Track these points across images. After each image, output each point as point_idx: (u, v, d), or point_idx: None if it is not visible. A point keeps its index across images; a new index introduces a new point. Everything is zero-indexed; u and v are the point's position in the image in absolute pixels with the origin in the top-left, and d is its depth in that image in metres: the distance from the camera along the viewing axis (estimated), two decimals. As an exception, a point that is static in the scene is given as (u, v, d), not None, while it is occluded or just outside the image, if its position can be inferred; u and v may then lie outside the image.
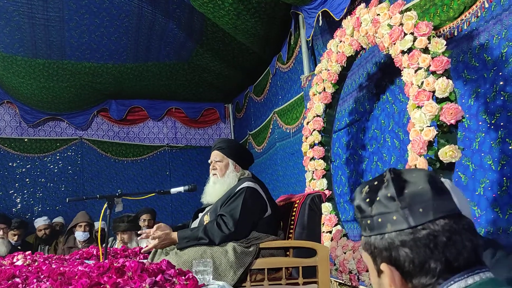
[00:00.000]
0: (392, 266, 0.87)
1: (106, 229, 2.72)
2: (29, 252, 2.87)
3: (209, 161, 2.89)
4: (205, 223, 2.67)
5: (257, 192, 2.68)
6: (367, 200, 0.91)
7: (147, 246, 2.73)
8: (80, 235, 4.92)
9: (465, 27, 2.56)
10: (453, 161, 2.31)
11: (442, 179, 1.73)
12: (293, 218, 2.73)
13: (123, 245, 4.49)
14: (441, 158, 2.31)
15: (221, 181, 2.80)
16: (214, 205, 2.75)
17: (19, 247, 5.20)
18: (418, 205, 0.85)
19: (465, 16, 2.54)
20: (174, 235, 2.55)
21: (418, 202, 0.86)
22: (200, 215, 2.86)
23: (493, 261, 1.67)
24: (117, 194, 2.69)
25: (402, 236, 0.85)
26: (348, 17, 3.24)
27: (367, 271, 2.98)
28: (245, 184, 2.67)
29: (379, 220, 0.88)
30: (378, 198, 0.89)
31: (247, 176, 2.81)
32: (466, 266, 0.84)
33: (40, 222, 5.85)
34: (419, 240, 0.84)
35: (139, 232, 2.73)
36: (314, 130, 3.67)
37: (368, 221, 0.91)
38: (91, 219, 5.15)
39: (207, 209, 2.84)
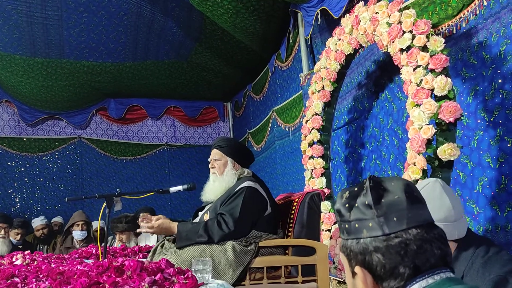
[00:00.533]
0: (365, 269, 0.93)
1: (105, 228, 2.72)
2: (28, 251, 2.87)
3: (209, 160, 2.90)
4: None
5: (257, 191, 2.68)
6: (347, 205, 0.97)
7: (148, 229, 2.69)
8: (78, 234, 4.91)
9: (464, 25, 2.56)
10: (452, 159, 2.31)
11: (433, 180, 1.73)
12: (292, 216, 2.73)
13: (122, 244, 4.49)
14: (439, 156, 2.31)
15: (219, 179, 2.80)
16: (214, 204, 2.75)
17: (20, 246, 5.20)
18: (393, 214, 0.91)
19: (464, 14, 2.54)
20: (174, 225, 2.56)
21: (394, 211, 0.91)
22: (200, 213, 2.86)
23: (485, 258, 1.68)
24: (116, 193, 2.69)
25: (376, 242, 0.91)
26: (347, 15, 3.24)
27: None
28: (245, 184, 2.67)
29: (356, 225, 0.94)
30: (356, 205, 0.95)
31: (247, 175, 2.81)
32: (432, 268, 0.90)
33: (37, 222, 5.84)
34: (391, 247, 0.90)
35: (139, 221, 2.70)
36: (313, 128, 3.67)
37: (346, 225, 0.96)
38: (88, 218, 5.14)
39: (207, 207, 2.84)
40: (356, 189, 0.97)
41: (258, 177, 2.88)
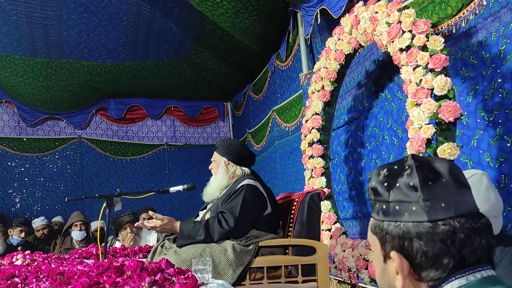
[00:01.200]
0: (402, 255, 0.86)
1: (105, 228, 2.72)
2: (28, 251, 2.87)
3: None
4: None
5: (257, 189, 2.69)
6: (385, 184, 0.89)
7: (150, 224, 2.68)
8: (76, 234, 4.91)
9: (463, 25, 2.56)
10: (452, 158, 2.31)
11: (481, 172, 1.67)
12: (292, 216, 2.74)
13: (133, 236, 4.46)
14: (439, 156, 2.31)
15: (214, 178, 2.87)
16: (216, 203, 2.76)
17: (19, 248, 5.20)
18: (441, 199, 0.84)
19: (463, 14, 2.54)
20: (177, 224, 2.57)
21: (441, 196, 0.84)
22: (201, 213, 2.87)
23: (502, 254, 1.68)
24: (116, 193, 2.69)
25: (419, 228, 0.83)
26: (347, 15, 3.24)
27: (366, 268, 2.99)
28: (245, 182, 2.68)
29: (396, 207, 0.86)
30: (397, 185, 0.87)
31: (245, 174, 2.82)
32: (474, 263, 0.83)
33: (38, 223, 5.84)
34: (436, 234, 0.82)
35: (140, 218, 2.71)
36: (313, 128, 3.67)
37: (384, 206, 0.89)
38: (86, 218, 5.14)
39: (208, 207, 2.86)
40: (396, 167, 0.90)
41: (258, 176, 2.89)
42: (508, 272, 1.64)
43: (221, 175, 2.82)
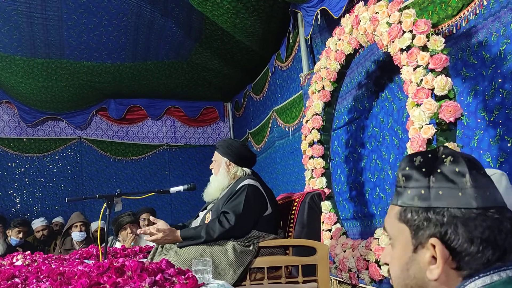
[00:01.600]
0: (442, 242, 0.82)
1: (105, 229, 2.72)
2: (29, 252, 2.87)
3: None
4: (206, 222, 2.68)
5: (258, 189, 2.69)
6: (423, 169, 0.86)
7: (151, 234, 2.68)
8: (77, 235, 4.90)
9: (464, 25, 2.56)
10: (452, 159, 2.30)
11: (500, 172, 1.69)
12: (292, 216, 2.74)
13: (133, 236, 4.45)
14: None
15: (215, 179, 2.86)
16: (216, 204, 2.76)
17: (18, 248, 5.19)
18: (485, 189, 0.83)
19: (464, 14, 2.54)
20: (178, 233, 2.56)
21: (485, 186, 0.83)
22: (201, 213, 2.87)
23: None
24: (116, 193, 2.69)
25: (467, 214, 0.81)
26: (347, 15, 3.24)
27: (366, 269, 2.98)
28: (246, 182, 2.68)
29: (440, 192, 0.83)
30: (439, 171, 0.85)
31: (244, 174, 2.81)
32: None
33: (37, 223, 5.83)
34: (485, 221, 0.80)
35: (139, 231, 2.72)
36: (313, 128, 3.67)
37: (422, 191, 0.85)
38: (86, 218, 5.13)
39: (209, 207, 2.85)
40: (429, 155, 0.88)
41: (259, 176, 2.89)
42: None
43: (222, 175, 2.82)
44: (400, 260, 0.89)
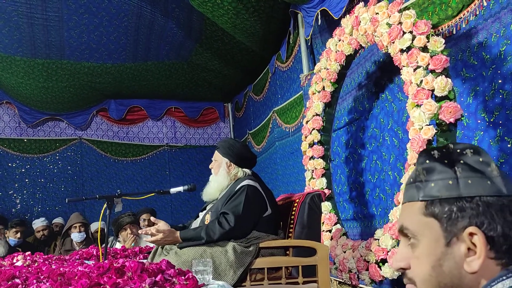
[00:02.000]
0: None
1: (105, 229, 2.72)
2: (29, 252, 2.87)
3: None
4: (206, 222, 2.68)
5: (257, 190, 2.69)
6: (446, 161, 0.85)
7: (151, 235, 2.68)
8: (76, 236, 4.90)
9: (464, 26, 2.56)
10: (452, 159, 2.31)
11: None
12: (292, 217, 2.74)
13: (133, 237, 4.43)
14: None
15: (214, 179, 2.85)
16: (216, 205, 2.75)
17: (18, 248, 5.19)
18: (508, 178, 0.82)
19: (464, 15, 2.54)
20: (178, 234, 2.57)
21: (506, 175, 0.83)
22: (201, 214, 2.87)
23: None
24: (116, 194, 2.69)
25: (500, 201, 0.80)
26: (347, 16, 3.24)
27: (366, 269, 2.98)
28: (245, 182, 2.68)
29: (469, 181, 0.82)
30: (462, 161, 0.84)
31: (244, 175, 2.81)
32: None
33: (38, 224, 5.84)
34: None
35: (140, 231, 2.73)
36: (313, 129, 3.67)
37: (450, 182, 0.82)
38: (85, 219, 5.13)
39: (208, 208, 2.85)
40: (444, 150, 0.87)
41: (259, 176, 2.89)
42: None
43: (222, 176, 2.81)
44: (430, 257, 0.84)
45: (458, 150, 0.86)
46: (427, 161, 0.87)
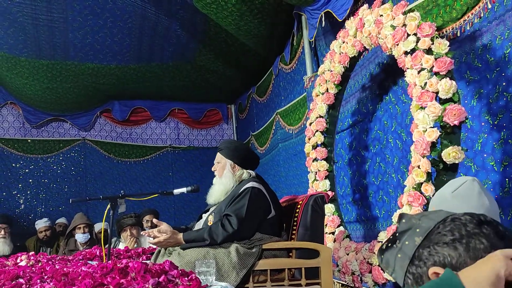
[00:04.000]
0: None
1: (109, 230, 2.73)
2: (33, 252, 2.88)
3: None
4: (209, 224, 2.68)
5: (262, 192, 2.68)
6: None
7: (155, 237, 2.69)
8: (80, 237, 4.91)
9: (468, 28, 2.56)
10: (457, 162, 2.31)
11: (471, 178, 1.76)
12: (296, 219, 2.73)
13: (133, 239, 4.43)
14: (444, 159, 2.30)
15: (219, 181, 2.83)
16: (219, 206, 2.75)
17: (18, 244, 5.18)
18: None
19: (468, 17, 2.54)
20: (180, 236, 2.56)
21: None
22: (204, 215, 2.86)
23: None
24: (120, 195, 2.69)
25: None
26: (351, 18, 3.24)
27: (369, 272, 2.98)
28: (250, 184, 2.67)
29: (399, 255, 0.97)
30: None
31: (248, 176, 2.81)
32: None
33: (40, 224, 5.85)
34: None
35: (142, 233, 2.73)
36: (317, 131, 3.67)
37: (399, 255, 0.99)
38: (89, 219, 5.14)
39: (211, 209, 2.85)
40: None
41: (262, 178, 2.88)
42: None
43: (227, 178, 2.79)
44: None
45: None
46: (382, 256, 1.01)
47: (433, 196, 2.15)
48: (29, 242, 5.87)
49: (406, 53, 2.57)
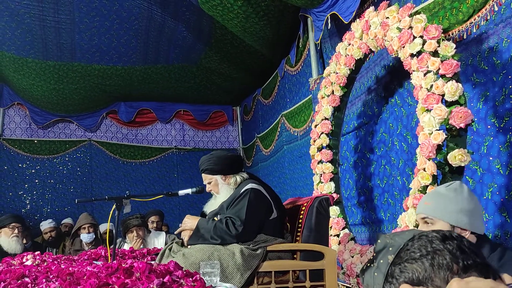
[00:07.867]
0: None
1: (114, 230, 2.74)
2: (38, 252, 2.90)
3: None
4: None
5: (262, 193, 2.68)
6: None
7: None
8: (85, 237, 4.92)
9: (474, 31, 2.55)
10: (462, 165, 2.30)
11: (458, 182, 1.74)
12: (300, 221, 2.73)
13: (140, 240, 4.43)
14: (450, 162, 2.29)
15: (219, 197, 2.82)
16: (220, 208, 2.75)
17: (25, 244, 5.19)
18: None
19: (474, 19, 2.53)
20: (196, 221, 2.67)
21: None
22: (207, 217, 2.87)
23: (500, 263, 1.67)
24: (125, 195, 2.70)
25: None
26: (357, 20, 3.24)
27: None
28: (249, 186, 2.68)
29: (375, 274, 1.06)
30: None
31: (244, 178, 2.80)
32: None
33: (45, 225, 5.87)
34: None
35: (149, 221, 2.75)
36: (322, 133, 3.66)
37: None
38: (94, 219, 5.15)
39: (213, 211, 2.84)
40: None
41: (259, 179, 2.87)
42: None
43: (226, 190, 2.78)
44: None
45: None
46: (363, 276, 1.09)
47: None
48: (37, 241, 5.89)
49: (412, 55, 2.57)
